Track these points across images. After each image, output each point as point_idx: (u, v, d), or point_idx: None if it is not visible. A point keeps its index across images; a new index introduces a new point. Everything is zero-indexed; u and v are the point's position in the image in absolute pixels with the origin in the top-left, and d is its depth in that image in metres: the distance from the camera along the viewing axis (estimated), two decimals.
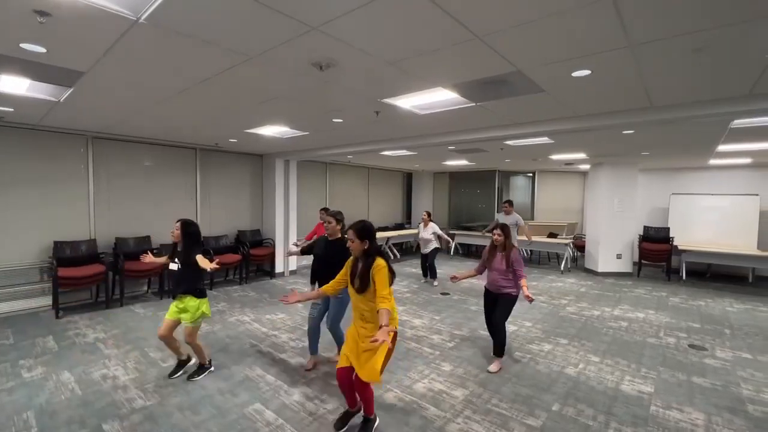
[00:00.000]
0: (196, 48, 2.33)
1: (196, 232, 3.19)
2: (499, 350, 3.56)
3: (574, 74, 2.68)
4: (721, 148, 5.69)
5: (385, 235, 9.32)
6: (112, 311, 5.13)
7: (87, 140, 5.50)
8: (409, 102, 3.53)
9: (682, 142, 5.41)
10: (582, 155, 7.22)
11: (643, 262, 7.96)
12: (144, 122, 4.63)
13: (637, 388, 3.23)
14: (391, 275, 2.39)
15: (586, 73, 2.65)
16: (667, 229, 8.01)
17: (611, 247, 7.91)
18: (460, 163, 9.03)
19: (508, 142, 5.64)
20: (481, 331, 4.51)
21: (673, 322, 4.93)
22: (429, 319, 4.98)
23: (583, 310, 5.44)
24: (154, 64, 2.65)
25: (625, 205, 7.88)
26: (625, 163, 7.77)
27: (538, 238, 8.54)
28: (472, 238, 10.11)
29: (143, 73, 2.83)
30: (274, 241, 7.51)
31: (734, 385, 3.29)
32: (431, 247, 6.89)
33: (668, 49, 2.25)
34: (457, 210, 11.59)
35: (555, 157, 7.49)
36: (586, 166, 9.07)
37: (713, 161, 7.46)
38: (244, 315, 5.06)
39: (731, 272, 7.88)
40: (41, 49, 2.39)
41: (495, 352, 3.58)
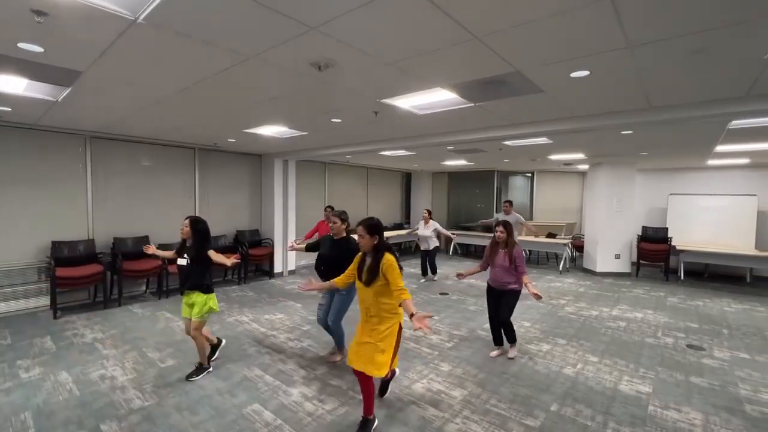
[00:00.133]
0: (195, 48, 2.33)
1: (205, 229, 3.30)
2: (512, 339, 3.81)
3: (573, 75, 2.69)
4: (720, 148, 5.71)
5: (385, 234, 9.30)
6: (110, 311, 5.12)
7: (85, 140, 5.49)
8: (408, 102, 3.53)
9: (681, 142, 5.42)
10: (581, 155, 7.23)
11: (642, 262, 7.97)
12: (142, 122, 4.62)
13: (636, 388, 3.24)
14: (400, 270, 2.54)
15: (585, 73, 2.66)
16: (666, 230, 8.03)
17: (610, 247, 7.93)
18: (459, 163, 9.03)
19: (507, 143, 5.64)
20: (479, 331, 4.52)
21: (672, 322, 4.94)
22: (428, 319, 4.97)
23: (581, 310, 5.45)
24: (153, 64, 2.64)
25: (624, 205, 7.89)
26: (624, 164, 7.78)
27: (537, 239, 8.56)
28: (471, 238, 10.12)
29: (141, 73, 2.83)
30: (272, 241, 7.51)
31: (732, 385, 3.30)
32: (432, 245, 6.92)
33: (667, 49, 2.25)
34: (456, 210, 11.60)
35: (554, 158, 7.50)
36: (584, 167, 9.09)
37: (711, 162, 7.48)
38: (242, 315, 5.06)
39: (729, 272, 7.90)
40: (39, 49, 2.38)
41: (509, 340, 3.83)
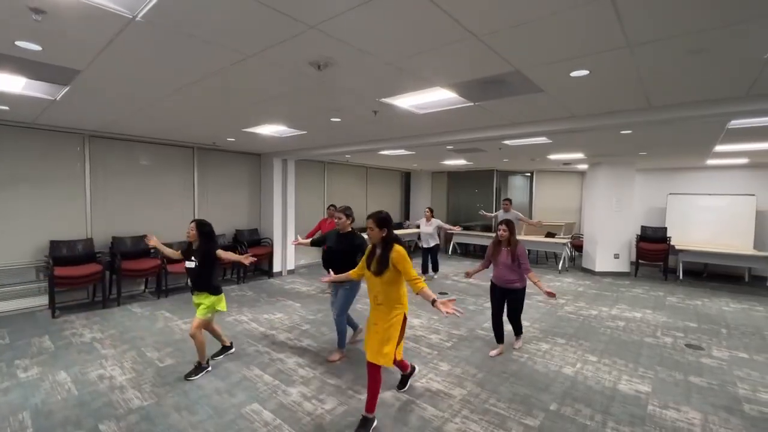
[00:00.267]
0: (193, 46, 2.32)
1: (210, 232, 3.43)
2: (518, 332, 4.02)
3: (573, 74, 2.68)
4: (719, 148, 5.71)
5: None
6: (108, 311, 5.11)
7: (84, 139, 5.47)
8: (408, 101, 3.52)
9: (680, 142, 5.42)
10: (580, 155, 7.23)
11: (641, 261, 7.98)
12: (141, 121, 4.60)
13: (635, 387, 3.24)
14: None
15: (585, 73, 2.65)
16: (665, 229, 8.04)
17: (609, 247, 7.93)
18: (459, 162, 9.03)
19: (507, 142, 5.64)
20: (479, 331, 4.52)
21: (670, 322, 4.95)
22: (427, 318, 4.98)
23: (580, 309, 5.46)
24: (151, 63, 2.63)
25: (623, 205, 7.89)
26: (623, 163, 7.78)
27: (536, 238, 8.57)
28: (471, 238, 10.13)
29: (140, 72, 2.82)
30: (272, 241, 7.50)
31: (731, 385, 3.30)
32: (433, 243, 6.95)
33: (666, 49, 2.25)
34: (455, 209, 11.60)
35: (553, 157, 7.50)
36: (584, 166, 9.09)
37: (710, 161, 7.49)
38: (241, 315, 5.05)
39: (728, 272, 7.91)
40: (37, 47, 2.37)
41: (515, 333, 4.03)
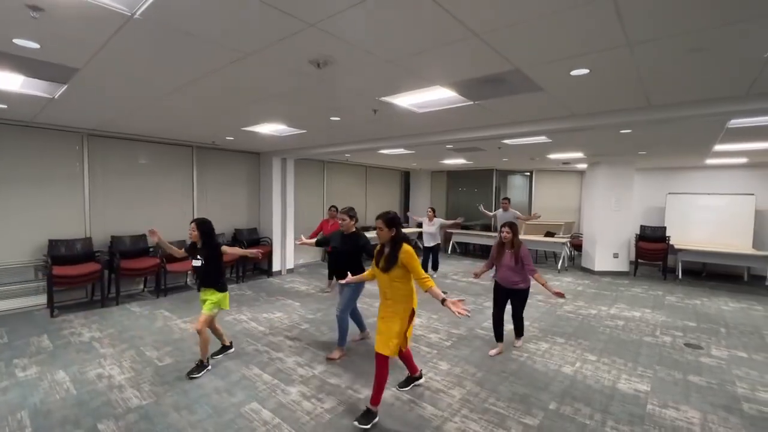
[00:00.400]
0: (192, 45, 2.31)
1: (211, 229, 3.48)
2: (520, 333, 4.07)
3: (573, 73, 2.68)
4: (718, 147, 5.71)
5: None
6: (107, 310, 5.10)
7: (82, 137, 5.45)
8: (407, 100, 3.51)
9: (680, 141, 5.42)
10: (579, 154, 7.24)
11: (640, 261, 7.98)
12: (140, 120, 4.59)
13: (634, 386, 3.24)
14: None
15: (585, 72, 2.65)
16: (664, 229, 8.05)
17: (608, 246, 7.94)
18: (458, 161, 9.03)
19: (506, 141, 5.63)
20: (478, 330, 4.51)
21: (669, 321, 4.95)
22: (427, 317, 4.97)
23: (579, 308, 5.46)
24: (150, 61, 2.62)
25: (622, 205, 7.89)
26: (622, 163, 7.78)
27: (535, 237, 8.57)
28: (470, 237, 10.14)
29: (139, 70, 2.80)
30: (271, 240, 7.49)
31: (730, 384, 3.31)
32: (435, 242, 6.99)
33: (667, 48, 2.24)
34: (455, 209, 11.58)
35: (552, 156, 7.50)
36: (583, 166, 9.10)
37: (710, 161, 7.50)
38: (241, 314, 5.04)
39: (727, 271, 7.92)
40: (35, 45, 2.35)
41: (516, 335, 4.08)
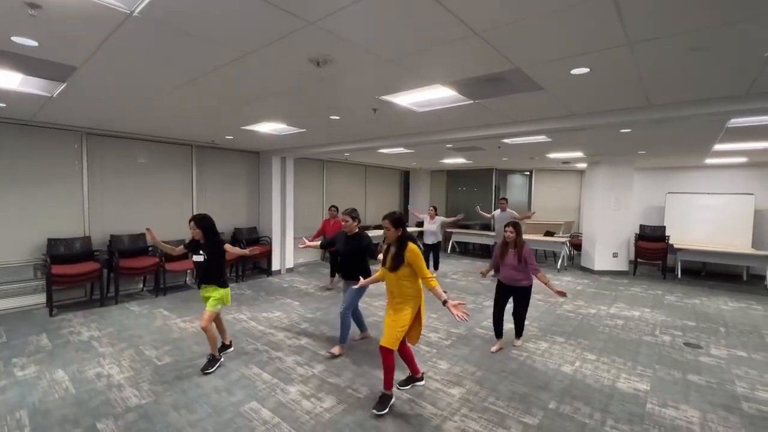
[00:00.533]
0: (191, 43, 2.30)
1: (211, 224, 3.47)
2: (520, 332, 4.12)
3: (573, 72, 2.67)
4: (718, 147, 5.71)
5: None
6: (106, 309, 5.09)
7: (81, 136, 5.44)
8: (407, 99, 3.50)
9: (680, 140, 5.42)
10: (579, 154, 7.23)
11: (639, 260, 7.99)
12: (139, 118, 4.58)
13: (633, 385, 3.24)
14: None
15: (585, 71, 2.64)
16: (663, 228, 8.06)
17: (607, 246, 7.94)
18: (458, 161, 9.02)
19: (506, 140, 5.63)
20: (477, 329, 4.52)
21: (669, 320, 4.96)
22: (426, 317, 4.96)
23: (579, 308, 5.46)
24: (149, 60, 2.61)
25: (622, 204, 7.90)
26: (622, 162, 7.78)
27: (535, 237, 8.57)
28: (469, 236, 10.14)
29: (137, 69, 2.79)
30: (270, 239, 7.48)
31: (729, 383, 3.31)
32: (436, 240, 7.04)
33: (667, 47, 2.24)
34: (454, 208, 11.55)
35: (552, 156, 7.50)
36: (583, 165, 9.10)
37: (709, 160, 7.50)
38: (240, 313, 5.04)
39: (726, 271, 7.93)
40: (33, 43, 2.34)
41: (517, 334, 4.12)
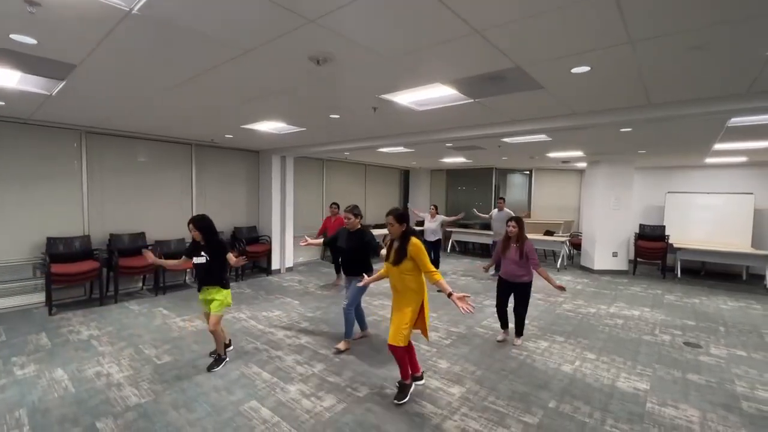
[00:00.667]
0: (191, 41, 2.29)
1: (210, 224, 3.40)
2: (520, 332, 4.13)
3: (574, 71, 2.67)
4: (718, 146, 5.71)
5: (383, 232, 9.29)
6: (106, 308, 5.08)
7: (80, 135, 5.42)
8: (407, 98, 3.50)
9: (680, 140, 5.42)
10: (579, 153, 7.23)
11: (639, 260, 7.99)
12: (138, 117, 4.57)
13: (633, 385, 3.24)
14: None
15: (586, 69, 2.64)
16: (663, 227, 8.05)
17: (607, 245, 7.94)
18: (458, 160, 9.02)
19: (506, 140, 5.63)
20: (477, 328, 4.51)
21: (669, 320, 4.96)
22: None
23: (579, 307, 5.46)
24: (148, 58, 2.60)
25: (621, 203, 7.89)
26: (622, 162, 7.78)
27: (534, 236, 8.56)
28: (469, 236, 10.14)
29: (137, 67, 2.78)
30: (270, 238, 7.48)
31: (729, 382, 3.31)
32: (436, 238, 7.07)
33: (668, 45, 2.23)
34: (454, 207, 11.56)
35: (552, 155, 7.49)
36: (582, 164, 9.09)
37: (709, 160, 7.50)
38: (240, 312, 5.03)
39: (725, 270, 7.94)
40: (32, 41, 2.33)
41: (517, 333, 4.13)
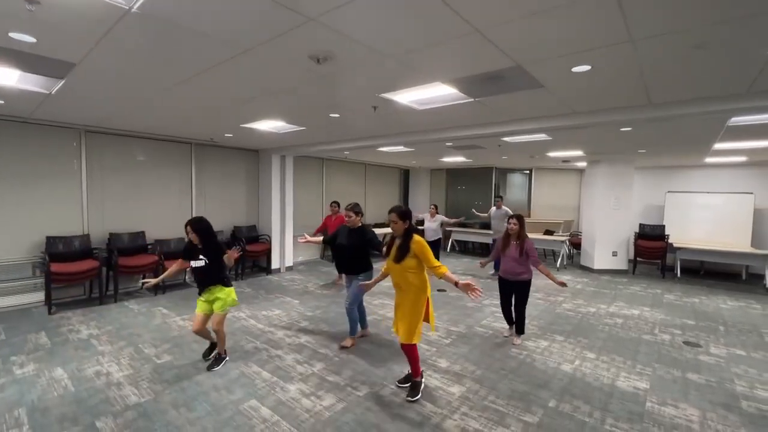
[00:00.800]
0: (190, 39, 2.29)
1: (207, 226, 3.34)
2: (521, 330, 4.13)
3: (574, 69, 2.66)
4: (718, 146, 5.71)
5: (383, 231, 9.28)
6: (105, 307, 5.08)
7: (80, 134, 5.41)
8: (407, 97, 3.49)
9: (680, 139, 5.41)
10: (579, 153, 7.23)
11: (639, 259, 8.00)
12: (138, 116, 4.56)
13: (633, 384, 3.24)
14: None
15: (587, 68, 2.63)
16: (663, 227, 8.05)
17: (607, 245, 7.94)
18: (458, 159, 9.01)
19: (506, 139, 5.62)
20: (477, 328, 4.51)
21: (668, 319, 4.96)
22: None
23: (579, 307, 5.46)
24: (148, 56, 2.59)
25: (621, 203, 7.89)
26: (622, 161, 7.78)
27: (534, 235, 8.56)
28: (469, 235, 10.14)
29: (136, 66, 2.78)
30: (270, 237, 7.47)
31: (728, 382, 3.31)
32: (436, 237, 7.07)
33: (670, 44, 2.23)
34: (454, 207, 11.58)
35: (552, 155, 7.49)
36: (582, 164, 9.09)
37: (709, 159, 7.50)
38: (240, 311, 5.03)
39: (725, 270, 7.94)
40: (31, 39, 2.32)
41: (518, 331, 4.14)
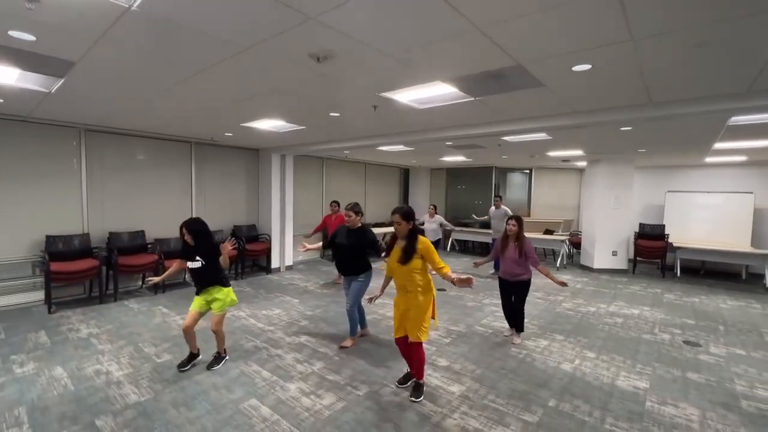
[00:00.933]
0: (190, 38, 2.28)
1: (201, 228, 3.30)
2: (520, 328, 4.15)
3: (575, 68, 2.66)
4: (718, 145, 5.71)
5: (383, 230, 9.28)
6: (105, 306, 5.08)
7: (80, 133, 5.41)
8: (408, 96, 3.49)
9: (680, 138, 5.41)
10: (579, 152, 7.22)
11: (639, 259, 8.00)
12: (137, 115, 4.56)
13: (633, 383, 3.24)
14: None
15: (587, 67, 2.63)
16: (663, 227, 8.05)
17: (607, 244, 7.94)
18: (458, 159, 9.01)
19: (506, 138, 5.62)
20: (477, 327, 4.52)
21: (668, 319, 4.96)
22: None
23: (579, 306, 5.46)
24: (147, 55, 2.59)
25: (621, 203, 7.90)
26: (622, 161, 7.78)
27: (534, 235, 8.56)
28: (469, 235, 10.14)
29: (136, 65, 2.77)
30: (270, 237, 7.47)
31: (728, 381, 3.31)
32: (435, 237, 7.06)
33: (671, 43, 2.22)
34: (454, 206, 11.60)
35: (552, 154, 7.49)
36: (582, 163, 9.09)
37: (709, 159, 7.50)
38: (239, 310, 5.03)
39: (725, 269, 7.94)
40: (30, 37, 2.32)
41: (517, 330, 4.15)
